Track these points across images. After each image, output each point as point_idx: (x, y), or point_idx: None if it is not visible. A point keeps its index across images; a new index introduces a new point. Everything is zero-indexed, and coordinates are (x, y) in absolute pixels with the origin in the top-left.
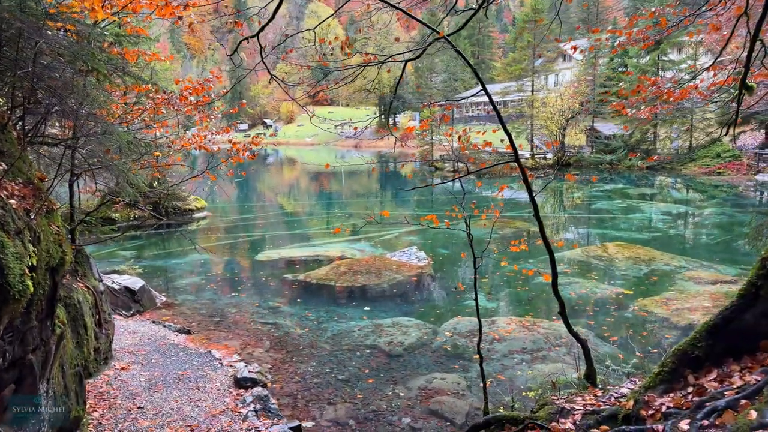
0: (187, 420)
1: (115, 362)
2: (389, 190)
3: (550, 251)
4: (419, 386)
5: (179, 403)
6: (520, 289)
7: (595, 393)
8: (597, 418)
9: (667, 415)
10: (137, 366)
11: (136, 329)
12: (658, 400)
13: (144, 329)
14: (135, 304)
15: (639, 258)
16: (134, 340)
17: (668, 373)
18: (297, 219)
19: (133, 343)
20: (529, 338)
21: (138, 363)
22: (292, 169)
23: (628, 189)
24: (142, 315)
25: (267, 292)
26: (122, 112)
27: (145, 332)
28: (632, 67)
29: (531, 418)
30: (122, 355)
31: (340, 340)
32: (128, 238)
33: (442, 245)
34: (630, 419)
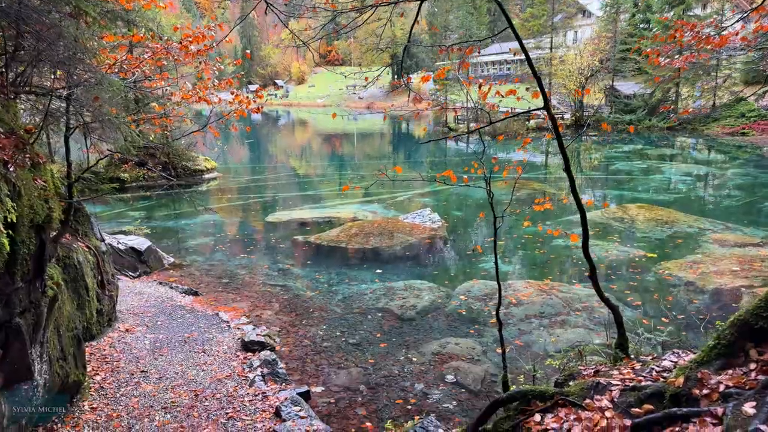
0: (191, 384)
1: (119, 324)
2: (402, 151)
3: (582, 209)
4: (432, 351)
5: (184, 366)
6: (537, 251)
7: (632, 366)
8: (639, 396)
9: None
10: (142, 328)
11: (142, 290)
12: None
13: (150, 291)
14: (141, 265)
15: (661, 220)
16: (140, 302)
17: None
18: (308, 180)
19: (139, 305)
20: (547, 302)
21: (143, 325)
22: (304, 131)
23: (648, 150)
24: (149, 276)
25: (277, 253)
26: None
27: (151, 294)
28: (655, 22)
29: (561, 394)
30: (127, 316)
31: (351, 303)
32: (138, 198)
33: (455, 207)
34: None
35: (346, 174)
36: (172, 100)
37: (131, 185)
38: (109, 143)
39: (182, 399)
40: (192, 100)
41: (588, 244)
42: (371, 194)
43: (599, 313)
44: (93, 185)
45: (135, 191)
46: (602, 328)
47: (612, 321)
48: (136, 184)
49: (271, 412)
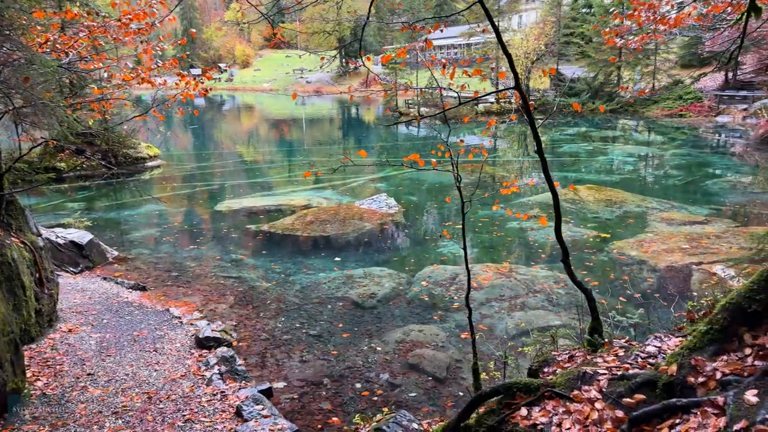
0: (143, 386)
1: (61, 324)
2: (352, 136)
3: (554, 192)
4: (396, 339)
5: (135, 367)
6: (494, 234)
7: (615, 352)
8: (629, 385)
9: (725, 384)
10: (87, 327)
11: (85, 287)
12: (710, 364)
13: (94, 287)
14: (83, 260)
15: (610, 200)
16: (83, 299)
17: (719, 332)
18: (257, 167)
19: (82, 303)
20: (506, 285)
21: (88, 324)
22: (250, 116)
23: (592, 132)
24: (92, 271)
25: (229, 244)
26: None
27: (95, 290)
28: (597, 6)
29: (547, 385)
30: (70, 316)
31: (309, 293)
32: (76, 188)
33: (410, 191)
34: (674, 388)
35: (296, 160)
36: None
37: (69, 175)
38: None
39: (134, 402)
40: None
41: (561, 227)
42: (324, 180)
43: (557, 294)
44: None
45: (73, 181)
46: (561, 308)
47: (571, 303)
48: (74, 174)
49: (231, 412)
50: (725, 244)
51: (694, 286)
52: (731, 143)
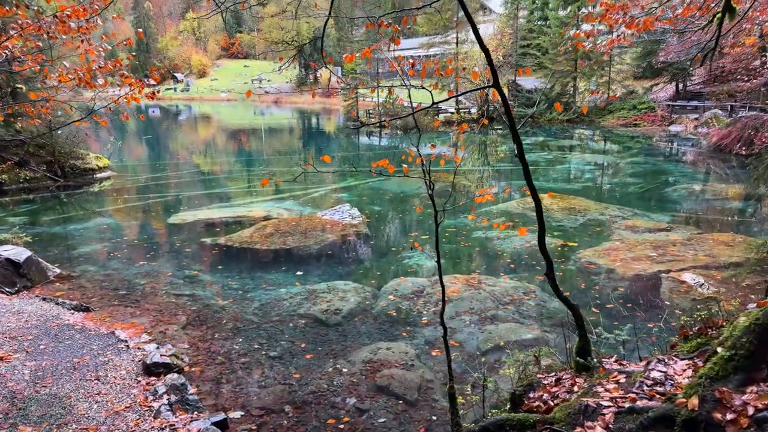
0: (82, 421)
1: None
2: (313, 146)
3: (537, 200)
4: (363, 359)
5: (73, 399)
6: (462, 244)
7: (615, 379)
8: (641, 421)
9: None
10: (20, 355)
11: (21, 309)
12: (738, 397)
13: (31, 308)
14: (21, 279)
15: (574, 208)
16: (18, 323)
17: (745, 358)
18: (214, 178)
19: (17, 327)
20: (476, 297)
21: (22, 350)
22: (207, 126)
23: (550, 141)
24: (30, 291)
25: (182, 258)
26: None
27: (32, 312)
28: (553, 19)
29: (545, 422)
30: (2, 341)
31: (269, 311)
32: (19, 202)
33: (372, 201)
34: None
35: (254, 170)
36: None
37: (11, 188)
38: None
39: None
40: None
41: (544, 237)
42: (284, 191)
43: (527, 306)
44: None
45: (16, 194)
46: (532, 321)
47: (542, 315)
48: (16, 187)
49: None
50: (691, 251)
51: (665, 294)
52: (684, 151)
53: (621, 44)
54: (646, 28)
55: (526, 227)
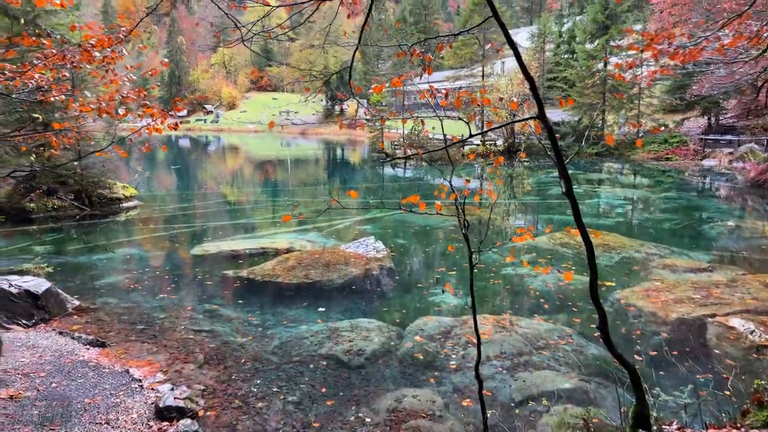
0: None
1: (2, 390)
2: (338, 177)
3: (588, 241)
4: (387, 407)
5: None
6: (491, 281)
7: None
8: None
9: None
10: (31, 393)
11: (36, 343)
12: None
13: (47, 343)
14: (39, 311)
15: (608, 245)
16: (32, 358)
17: None
18: (240, 209)
19: (31, 362)
20: (507, 341)
21: (33, 389)
22: (235, 157)
23: (578, 174)
24: (48, 324)
25: (203, 291)
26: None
27: (47, 347)
28: (580, 52)
29: None
30: (14, 378)
31: (289, 350)
32: (46, 231)
33: (398, 234)
34: None
35: (280, 201)
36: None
37: (39, 216)
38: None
39: None
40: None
41: (597, 285)
42: (308, 222)
43: (563, 352)
44: None
45: (43, 222)
46: (569, 369)
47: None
48: (44, 215)
49: None
50: (736, 293)
51: (712, 341)
52: (719, 187)
53: (663, 75)
54: (691, 58)
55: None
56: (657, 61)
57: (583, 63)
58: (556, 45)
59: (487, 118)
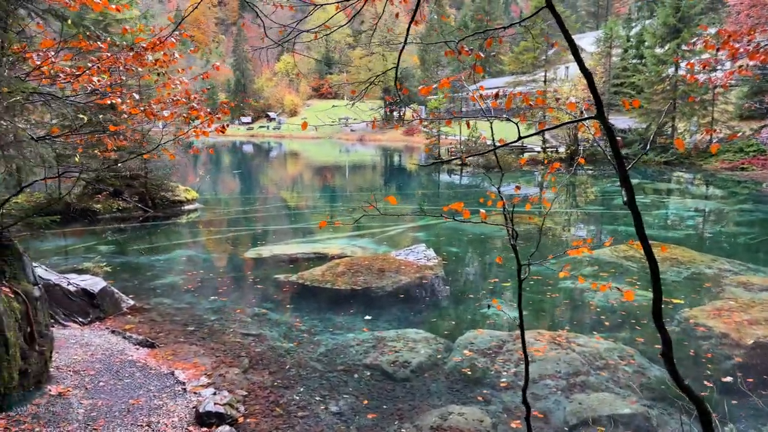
0: None
1: (51, 386)
2: (394, 183)
3: (652, 258)
4: (431, 424)
5: None
6: (548, 295)
7: None
8: None
9: None
10: (80, 391)
11: (89, 341)
12: None
13: (99, 341)
14: (94, 310)
15: (676, 259)
16: (84, 356)
17: None
18: (297, 213)
19: (82, 360)
20: (563, 359)
21: (81, 387)
22: (295, 163)
23: (646, 184)
24: (103, 322)
25: (254, 295)
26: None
27: (99, 345)
28: (649, 57)
29: None
30: (65, 375)
31: (334, 358)
32: (111, 231)
33: (451, 242)
34: None
35: (337, 206)
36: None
37: (104, 217)
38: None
39: None
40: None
41: (661, 307)
42: (362, 227)
43: (624, 373)
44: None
45: (108, 223)
46: (630, 392)
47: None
48: (109, 216)
49: None
50: None
51: None
52: None
53: (741, 76)
54: None
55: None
56: (734, 61)
57: (653, 68)
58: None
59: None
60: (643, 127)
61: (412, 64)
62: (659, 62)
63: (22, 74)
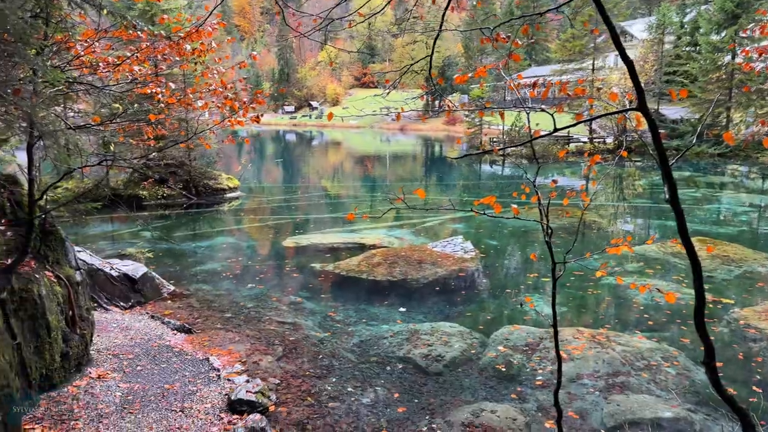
0: None
1: (91, 369)
2: (434, 173)
3: (695, 258)
4: (463, 420)
5: (154, 431)
6: (589, 291)
7: None
8: None
9: None
10: (118, 374)
11: (130, 325)
12: None
13: (139, 325)
14: (135, 295)
15: (728, 257)
16: (124, 340)
17: None
18: (336, 202)
19: (122, 344)
20: (602, 358)
21: (120, 370)
22: (337, 152)
23: (697, 177)
24: (143, 307)
25: (290, 284)
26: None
27: (139, 329)
28: (704, 44)
29: None
30: (105, 358)
31: (367, 349)
32: (156, 217)
33: (490, 235)
34: None
35: (376, 196)
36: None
37: (150, 203)
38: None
39: None
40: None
41: (703, 312)
42: (401, 218)
43: (666, 375)
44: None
45: (153, 210)
46: (672, 395)
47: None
48: (154, 203)
49: None
50: None
51: None
52: None
53: None
54: None
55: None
56: None
57: (708, 56)
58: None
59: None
60: (696, 117)
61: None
62: (715, 50)
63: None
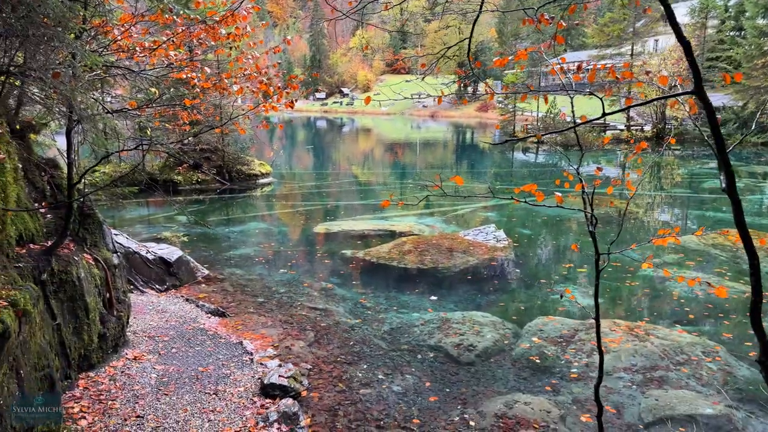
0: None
1: (127, 350)
2: (465, 161)
3: (753, 254)
4: (495, 412)
5: (188, 413)
6: (628, 283)
7: None
8: None
9: None
10: (153, 356)
11: (165, 308)
12: None
13: (174, 308)
14: (170, 278)
15: None
16: (159, 322)
17: None
18: (367, 189)
19: (157, 326)
20: (640, 351)
21: (155, 352)
22: (367, 139)
23: (740, 166)
24: (178, 290)
25: (322, 270)
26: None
27: (174, 312)
28: (750, 28)
29: None
30: (141, 340)
31: (398, 337)
32: (190, 202)
33: (522, 224)
34: None
35: (406, 183)
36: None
37: (184, 188)
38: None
39: None
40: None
41: (760, 308)
42: (432, 205)
43: (708, 370)
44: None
45: (188, 194)
46: (713, 391)
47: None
48: (189, 188)
49: None
50: None
51: None
52: None
53: None
54: None
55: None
56: None
57: (753, 41)
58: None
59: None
60: (739, 105)
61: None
62: (761, 34)
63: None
